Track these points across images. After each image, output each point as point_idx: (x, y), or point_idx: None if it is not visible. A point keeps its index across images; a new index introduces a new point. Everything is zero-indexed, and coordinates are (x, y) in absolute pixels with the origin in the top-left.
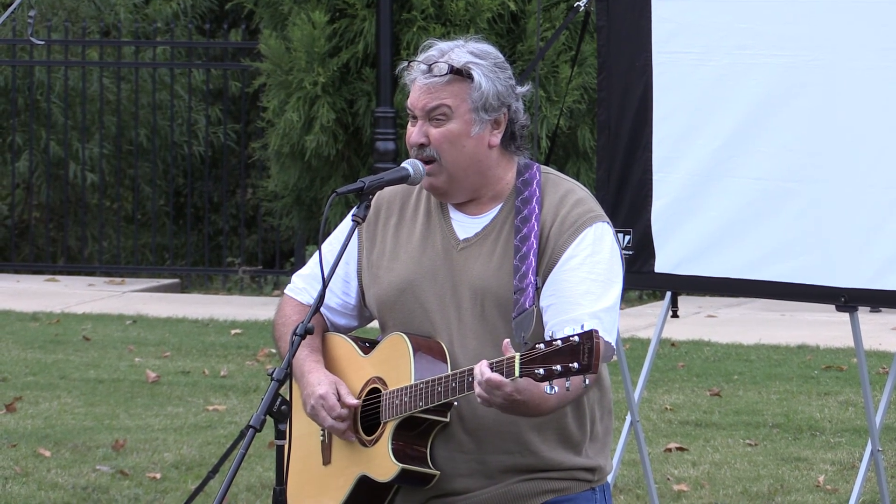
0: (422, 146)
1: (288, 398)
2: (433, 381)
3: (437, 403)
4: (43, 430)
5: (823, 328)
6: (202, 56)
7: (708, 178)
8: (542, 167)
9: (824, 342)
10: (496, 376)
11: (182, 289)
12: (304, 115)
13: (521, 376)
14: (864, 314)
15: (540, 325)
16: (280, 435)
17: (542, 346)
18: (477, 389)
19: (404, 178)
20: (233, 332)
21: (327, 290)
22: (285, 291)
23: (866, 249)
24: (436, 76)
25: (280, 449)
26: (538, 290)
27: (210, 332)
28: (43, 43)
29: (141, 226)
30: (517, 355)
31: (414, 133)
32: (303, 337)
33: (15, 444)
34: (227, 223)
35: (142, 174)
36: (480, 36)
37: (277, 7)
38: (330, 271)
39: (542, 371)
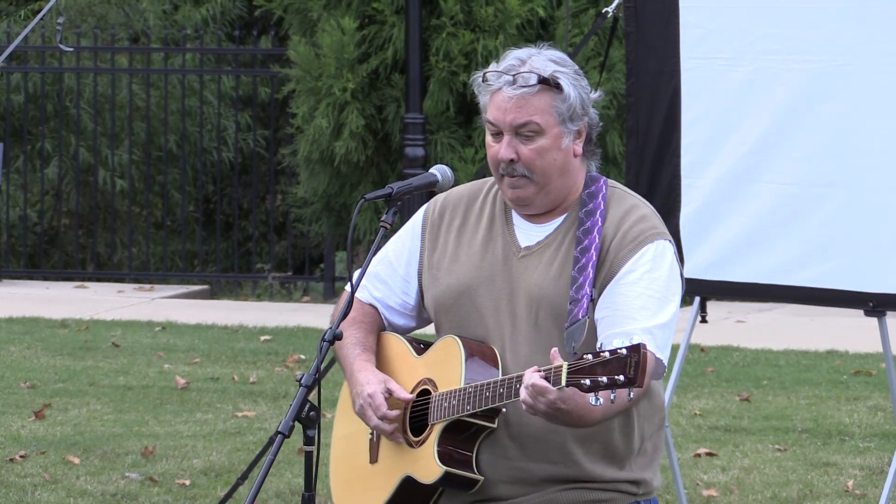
0: (511, 162)
1: (317, 404)
2: (482, 385)
3: (484, 408)
4: (72, 437)
5: (852, 333)
6: (231, 62)
7: (737, 182)
8: (609, 181)
9: (853, 347)
10: (542, 382)
11: (211, 295)
12: (334, 121)
13: (567, 385)
14: (892, 319)
15: (592, 337)
16: (309, 441)
17: (589, 356)
18: (522, 395)
19: (433, 184)
20: (262, 338)
21: (386, 288)
22: (346, 288)
23: (895, 253)
24: (524, 87)
25: (309, 455)
26: (593, 301)
27: (239, 338)
28: (72, 50)
29: (170, 232)
30: (564, 364)
31: (503, 149)
32: (331, 343)
33: (44, 450)
34: (257, 229)
35: (171, 180)
36: (549, 43)
37: (307, 14)
38: (360, 274)
39: (588, 382)
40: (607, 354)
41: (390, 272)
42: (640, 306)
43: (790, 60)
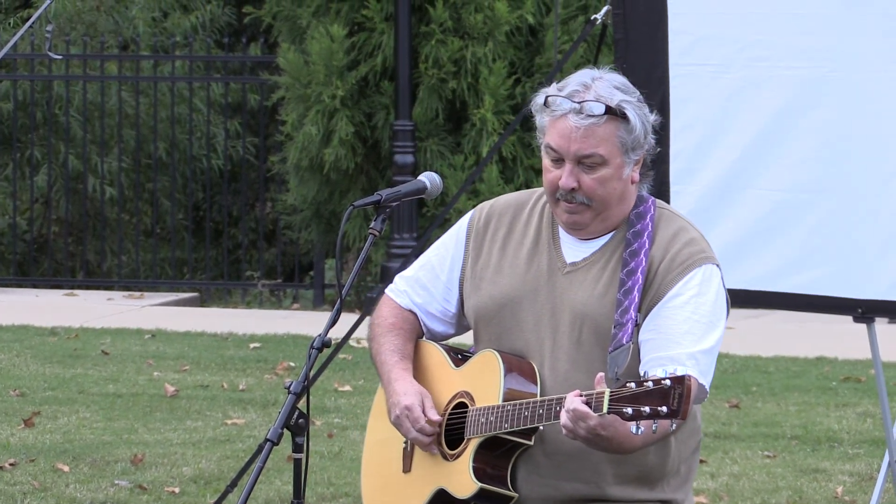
0: (572, 190)
1: (305, 411)
2: (521, 404)
3: (521, 427)
4: (61, 445)
5: (842, 340)
6: (221, 70)
7: (726, 189)
8: (658, 201)
9: (842, 354)
10: (584, 407)
11: (201, 303)
12: (323, 128)
13: (608, 413)
14: (881, 325)
15: (635, 360)
16: (297, 448)
17: (632, 384)
18: (563, 419)
19: (421, 191)
20: (252, 345)
21: (427, 294)
22: (386, 291)
23: (883, 260)
24: (591, 117)
25: (298, 462)
26: (637, 326)
27: (229, 345)
28: (61, 57)
29: (160, 240)
30: (607, 391)
31: (564, 178)
32: (320, 350)
33: (33, 458)
34: (246, 237)
35: (161, 188)
36: (610, 66)
37: (296, 21)
38: (350, 281)
39: (629, 410)
40: (650, 384)
41: (432, 278)
42: (685, 331)
43: (779, 67)
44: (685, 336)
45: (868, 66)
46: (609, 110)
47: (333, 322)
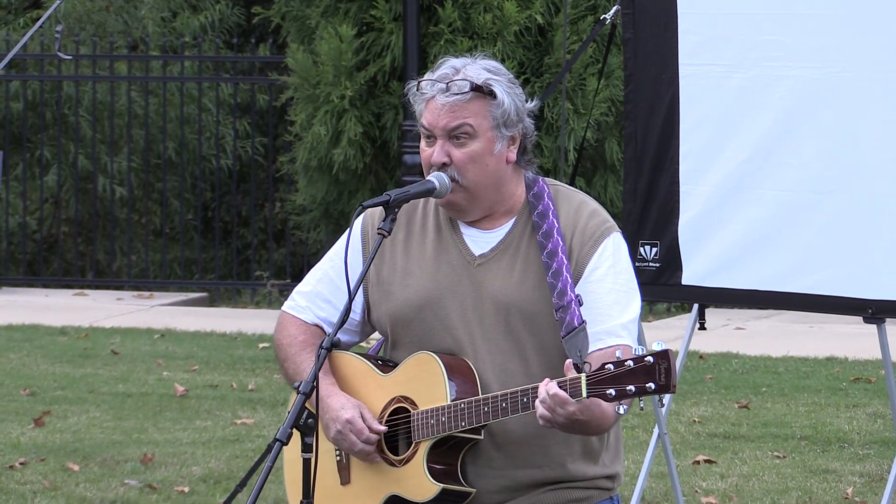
0: (444, 166)
1: (314, 411)
2: (477, 401)
3: (482, 423)
4: (71, 444)
5: (852, 340)
6: (230, 70)
7: (735, 189)
8: (546, 179)
9: (853, 354)
10: (563, 393)
11: (210, 303)
12: (332, 128)
13: (588, 396)
14: (892, 325)
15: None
16: (306, 448)
17: (610, 366)
18: (540, 409)
19: (430, 192)
20: (261, 345)
21: (331, 307)
22: (284, 309)
23: (893, 261)
24: (457, 94)
25: (307, 462)
26: (581, 304)
27: (238, 345)
28: (71, 58)
29: (169, 240)
30: (583, 376)
31: (435, 153)
32: (329, 350)
33: (44, 458)
34: (256, 237)
35: (170, 188)
36: (486, 52)
37: (305, 21)
38: (356, 286)
39: (612, 392)
40: (631, 363)
41: (333, 290)
42: (612, 302)
43: (788, 67)
44: (613, 307)
45: (877, 67)
46: (475, 87)
47: (342, 322)
